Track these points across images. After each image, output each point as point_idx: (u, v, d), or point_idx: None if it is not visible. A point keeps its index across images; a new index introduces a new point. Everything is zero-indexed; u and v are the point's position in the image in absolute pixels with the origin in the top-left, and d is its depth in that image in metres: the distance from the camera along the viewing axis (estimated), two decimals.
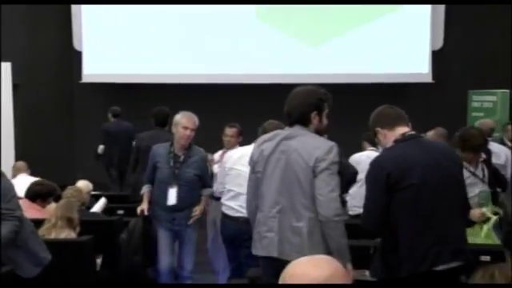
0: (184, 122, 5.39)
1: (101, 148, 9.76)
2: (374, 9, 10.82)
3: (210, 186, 5.73)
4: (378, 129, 3.78)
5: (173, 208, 5.50)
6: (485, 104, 10.04)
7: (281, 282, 1.97)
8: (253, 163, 4.03)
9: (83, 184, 6.30)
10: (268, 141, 3.99)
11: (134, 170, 6.92)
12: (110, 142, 9.61)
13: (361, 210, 4.14)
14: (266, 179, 3.94)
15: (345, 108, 9.83)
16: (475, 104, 10.26)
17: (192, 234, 5.68)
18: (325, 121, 3.93)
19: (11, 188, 4.45)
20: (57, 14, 11.20)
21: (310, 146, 3.80)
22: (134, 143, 7.14)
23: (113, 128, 9.65)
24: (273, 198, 3.90)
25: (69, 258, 4.76)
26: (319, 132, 3.96)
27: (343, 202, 5.75)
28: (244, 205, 4.57)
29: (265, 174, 3.95)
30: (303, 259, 2.01)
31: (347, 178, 5.65)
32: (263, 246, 3.92)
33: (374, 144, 6.59)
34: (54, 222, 4.93)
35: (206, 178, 5.75)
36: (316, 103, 3.87)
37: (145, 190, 5.69)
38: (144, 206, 5.57)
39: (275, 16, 10.93)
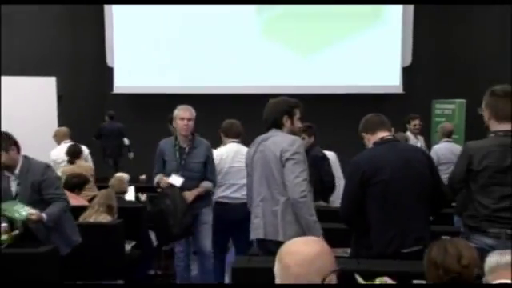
0: (180, 113, 4.89)
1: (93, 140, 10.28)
2: (354, 34, 10.85)
3: (212, 181, 5.08)
4: (363, 134, 3.80)
5: None
6: (445, 111, 10.10)
7: (277, 259, 1.96)
8: (246, 165, 4.09)
9: (121, 175, 6.39)
10: (253, 145, 4.02)
11: None
12: (105, 137, 10.29)
13: None
14: (253, 176, 3.96)
15: (329, 115, 9.92)
16: (437, 111, 10.33)
17: (206, 217, 5.07)
18: (298, 123, 3.95)
19: (58, 178, 4.59)
20: (93, 35, 11.27)
21: (278, 141, 3.80)
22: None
23: (107, 127, 10.38)
24: (257, 190, 3.91)
25: (102, 239, 4.79)
26: (294, 133, 3.95)
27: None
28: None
29: (252, 172, 3.98)
30: (296, 240, 2.03)
31: (328, 185, 5.61)
32: (252, 229, 3.94)
33: None
34: (96, 208, 5.05)
35: (209, 168, 5.05)
36: (286, 109, 3.87)
37: (158, 177, 5.00)
38: (167, 180, 4.88)
39: (279, 35, 10.95)
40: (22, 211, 4.05)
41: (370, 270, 3.14)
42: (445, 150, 6.61)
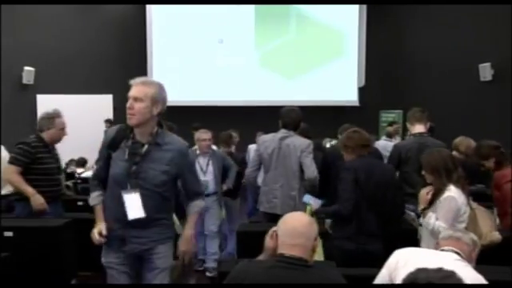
0: (131, 93, 2.46)
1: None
2: (324, 64, 10.83)
3: (199, 196, 2.51)
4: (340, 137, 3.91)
5: (133, 223, 2.29)
6: (389, 119, 9.96)
7: (279, 224, 1.96)
8: (259, 153, 3.86)
9: None
10: (270, 142, 3.85)
11: None
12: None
13: None
14: (271, 166, 3.80)
15: (307, 122, 9.86)
16: (383, 119, 10.34)
17: (164, 259, 2.37)
18: None
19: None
20: (138, 63, 10.96)
21: (296, 143, 3.78)
22: None
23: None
24: (276, 178, 3.79)
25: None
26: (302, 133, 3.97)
27: None
28: None
29: (270, 162, 3.80)
30: (291, 213, 2.03)
31: None
32: (270, 207, 3.81)
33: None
34: None
35: (190, 182, 2.46)
36: (301, 115, 3.96)
37: (94, 199, 2.42)
38: (101, 227, 2.32)
39: (270, 64, 10.88)
40: None
41: None
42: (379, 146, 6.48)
